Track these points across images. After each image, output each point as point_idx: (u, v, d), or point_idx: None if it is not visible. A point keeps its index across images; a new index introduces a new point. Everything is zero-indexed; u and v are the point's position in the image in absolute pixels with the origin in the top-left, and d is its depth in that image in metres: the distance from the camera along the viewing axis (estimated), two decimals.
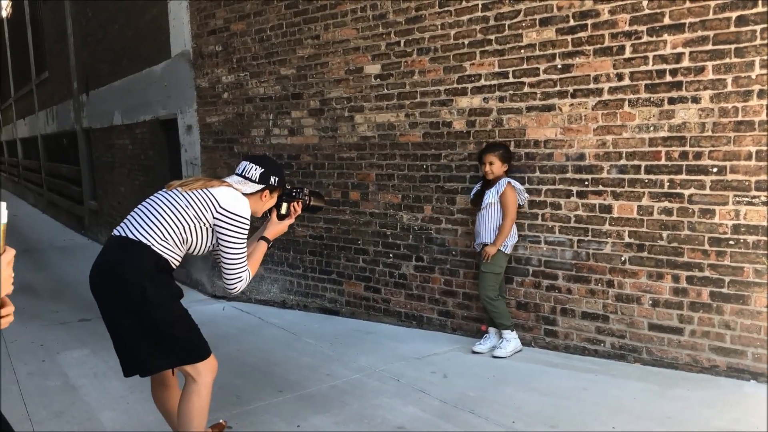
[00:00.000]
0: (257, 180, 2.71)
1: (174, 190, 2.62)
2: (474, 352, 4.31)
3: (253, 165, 2.73)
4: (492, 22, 4.29)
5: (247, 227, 2.63)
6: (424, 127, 4.73)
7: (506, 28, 4.23)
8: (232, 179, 2.73)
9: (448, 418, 3.35)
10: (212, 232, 2.62)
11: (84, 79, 10.08)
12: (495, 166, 4.15)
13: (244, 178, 2.72)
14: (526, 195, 4.24)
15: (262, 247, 2.82)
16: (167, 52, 6.67)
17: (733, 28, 3.49)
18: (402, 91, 4.81)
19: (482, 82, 4.39)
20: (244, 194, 2.67)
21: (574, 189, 4.11)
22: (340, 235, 5.37)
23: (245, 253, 2.66)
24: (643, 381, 3.72)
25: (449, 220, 4.71)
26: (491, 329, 4.38)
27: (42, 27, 12.91)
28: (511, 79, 4.27)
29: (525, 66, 4.19)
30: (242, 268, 2.65)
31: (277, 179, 2.76)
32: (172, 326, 2.55)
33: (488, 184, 4.23)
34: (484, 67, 4.37)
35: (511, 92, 4.28)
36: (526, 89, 4.21)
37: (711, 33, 3.56)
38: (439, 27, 4.54)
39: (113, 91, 8.61)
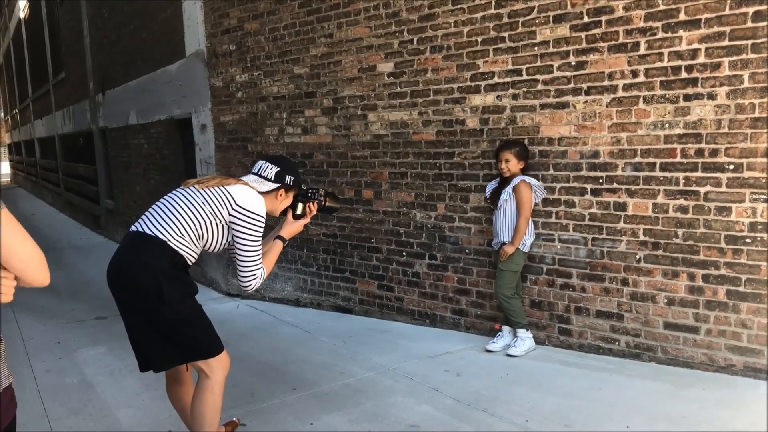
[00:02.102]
0: (273, 179, 2.72)
1: (191, 188, 2.64)
2: (487, 351, 4.30)
3: (269, 164, 2.75)
4: (505, 20, 4.27)
5: (263, 225, 2.64)
6: (437, 125, 4.72)
7: (519, 25, 4.21)
8: (249, 178, 2.74)
9: (461, 417, 3.34)
10: (228, 230, 2.64)
11: (100, 79, 10.17)
12: (511, 163, 4.13)
13: (260, 176, 2.73)
14: (543, 192, 4.21)
15: (278, 246, 2.84)
16: (182, 51, 6.71)
17: (750, 24, 3.45)
18: (415, 89, 4.80)
19: (495, 79, 4.38)
20: (259, 192, 2.68)
21: (589, 187, 4.08)
22: (354, 234, 5.38)
23: (260, 251, 2.67)
24: (658, 380, 3.70)
25: (462, 219, 4.70)
26: (505, 328, 4.37)
27: (59, 28, 13.04)
28: (524, 77, 4.25)
29: (538, 63, 4.17)
30: (257, 265, 2.66)
31: (292, 178, 2.77)
32: (185, 324, 2.56)
33: (505, 181, 4.22)
34: (498, 65, 4.35)
35: (525, 90, 4.26)
36: (540, 87, 4.19)
37: (727, 29, 3.52)
38: (452, 25, 4.52)
39: (128, 91, 8.68)
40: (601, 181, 4.03)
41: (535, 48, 4.17)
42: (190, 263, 2.64)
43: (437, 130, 4.73)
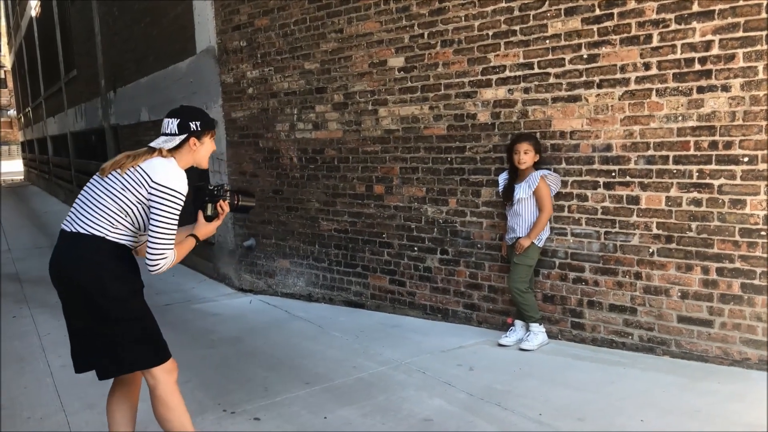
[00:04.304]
0: (176, 132, 2.58)
1: (109, 175, 2.52)
2: (500, 345, 4.30)
3: (170, 119, 2.61)
4: (516, 13, 4.25)
5: (181, 203, 2.50)
6: (449, 120, 4.72)
7: (531, 18, 4.19)
8: (158, 141, 2.60)
9: (474, 410, 3.35)
10: None
11: (111, 77, 10.23)
12: (529, 155, 4.12)
13: (166, 135, 2.60)
14: (558, 184, 4.19)
15: (190, 242, 2.68)
16: (192, 48, 6.73)
17: (764, 15, 3.42)
18: (426, 83, 4.79)
19: (507, 73, 4.36)
20: (170, 151, 2.56)
21: (601, 180, 4.06)
22: (365, 229, 5.38)
23: (174, 232, 2.50)
24: (672, 374, 3.68)
25: (474, 213, 4.69)
26: (517, 322, 4.37)
27: (70, 26, 13.12)
28: (536, 70, 4.23)
29: (550, 56, 4.15)
30: (169, 246, 2.48)
31: (198, 123, 2.60)
32: (131, 323, 2.48)
33: (517, 175, 4.21)
34: (509, 58, 4.34)
35: (537, 83, 4.24)
36: (552, 80, 4.17)
37: (741, 20, 3.48)
38: (463, 18, 4.51)
39: (140, 89, 8.72)
40: (613, 174, 4.01)
41: (547, 41, 4.15)
42: (133, 248, 2.57)
43: (448, 125, 4.72)
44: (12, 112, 44.58)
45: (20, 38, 22.98)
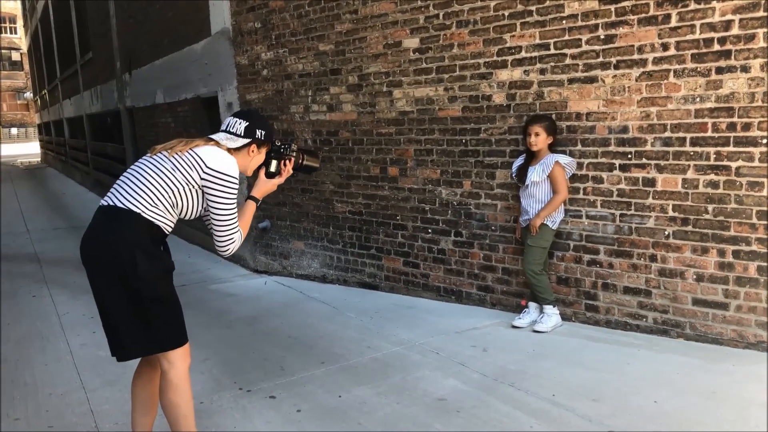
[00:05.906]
0: (242, 134, 2.61)
1: (158, 155, 2.54)
2: (514, 327, 4.31)
3: (238, 119, 2.64)
4: None
5: (236, 186, 2.53)
6: (464, 101, 4.70)
7: None
8: (219, 136, 2.63)
9: (488, 390, 3.37)
10: (202, 194, 2.53)
11: (126, 59, 10.26)
12: (540, 137, 4.10)
13: (230, 133, 2.62)
14: (574, 167, 4.17)
15: (251, 207, 2.72)
16: (207, 30, 6.74)
17: None
18: (441, 64, 4.77)
19: (523, 54, 4.33)
20: (230, 149, 2.58)
21: (617, 162, 4.04)
22: (379, 211, 5.40)
23: (236, 214, 2.57)
24: (686, 356, 3.68)
25: (489, 195, 4.69)
26: (531, 304, 4.38)
27: (85, 9, 13.14)
28: (552, 51, 4.20)
29: (567, 37, 4.12)
30: (234, 229, 2.56)
31: (263, 133, 2.65)
32: (159, 303, 2.47)
33: (531, 157, 4.20)
34: (525, 39, 4.30)
35: (553, 64, 4.21)
36: (568, 61, 4.14)
37: None
38: None
39: (155, 71, 8.75)
40: (629, 156, 3.99)
41: (563, 21, 4.11)
42: (167, 233, 2.56)
43: (463, 106, 4.71)
44: (28, 95, 44.89)
45: (36, 21, 23.06)
